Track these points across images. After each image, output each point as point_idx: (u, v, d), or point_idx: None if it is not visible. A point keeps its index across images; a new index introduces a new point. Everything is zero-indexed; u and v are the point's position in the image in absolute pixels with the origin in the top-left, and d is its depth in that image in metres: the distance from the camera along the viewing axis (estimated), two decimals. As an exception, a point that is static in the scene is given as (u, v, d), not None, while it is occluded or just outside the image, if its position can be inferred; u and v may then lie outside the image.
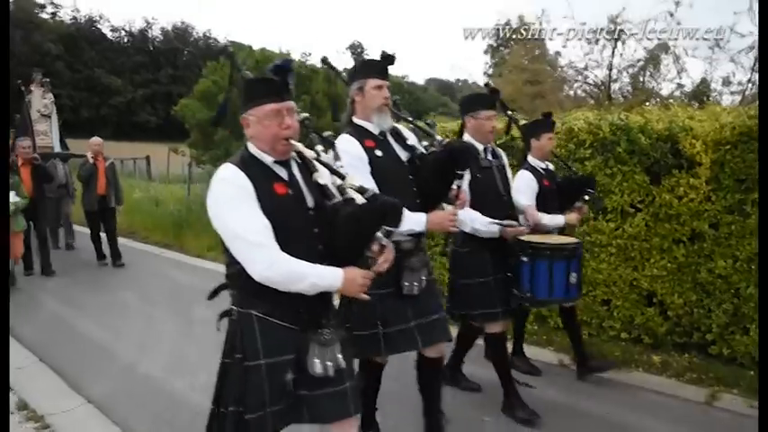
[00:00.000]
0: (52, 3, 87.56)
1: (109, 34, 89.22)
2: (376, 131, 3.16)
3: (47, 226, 9.17)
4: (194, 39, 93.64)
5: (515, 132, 5.17)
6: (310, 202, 2.34)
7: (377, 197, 2.28)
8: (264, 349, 2.25)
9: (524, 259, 3.85)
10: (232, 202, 2.21)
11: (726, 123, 4.77)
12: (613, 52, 13.68)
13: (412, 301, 3.09)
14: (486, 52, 35.96)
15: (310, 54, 15.04)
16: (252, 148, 2.33)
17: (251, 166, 2.26)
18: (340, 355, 2.33)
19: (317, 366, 2.26)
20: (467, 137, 3.90)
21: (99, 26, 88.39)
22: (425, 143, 3.28)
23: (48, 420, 4.17)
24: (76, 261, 9.64)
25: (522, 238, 3.87)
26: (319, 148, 2.58)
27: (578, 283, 3.99)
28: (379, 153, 3.09)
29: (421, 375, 3.42)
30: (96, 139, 9.32)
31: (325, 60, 3.31)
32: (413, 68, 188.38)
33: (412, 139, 3.27)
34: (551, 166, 4.56)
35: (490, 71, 37.55)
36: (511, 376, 4.08)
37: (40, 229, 8.66)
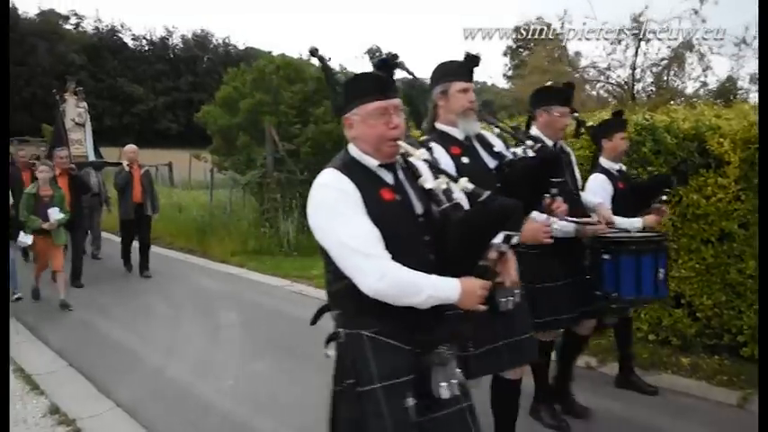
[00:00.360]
0: (75, 14, 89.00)
1: (130, 43, 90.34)
2: (461, 137, 2.98)
3: (83, 237, 9.15)
4: (214, 46, 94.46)
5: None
6: (419, 208, 2.15)
7: (494, 199, 2.07)
8: (379, 372, 2.03)
9: (606, 257, 3.63)
10: (336, 209, 2.02)
11: (755, 121, 4.70)
12: (637, 51, 13.57)
13: (503, 318, 2.78)
14: (505, 54, 35.81)
15: (330, 59, 14.94)
16: (354, 151, 2.15)
17: (354, 170, 2.08)
18: (459, 370, 2.12)
19: (443, 390, 2.05)
20: (535, 131, 3.66)
21: (121, 35, 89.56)
22: (516, 149, 3.12)
23: (78, 424, 4.22)
24: (102, 268, 9.75)
25: (602, 234, 3.68)
26: (421, 151, 2.26)
27: (665, 280, 3.76)
28: (465, 160, 2.90)
29: (498, 397, 3.16)
30: (131, 147, 9.23)
31: (314, 52, 2.82)
32: (426, 71, 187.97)
33: (499, 146, 3.09)
34: (624, 168, 4.34)
35: (509, 73, 37.40)
36: (547, 381, 3.93)
37: (76, 240, 8.53)
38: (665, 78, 14.22)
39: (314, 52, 2.65)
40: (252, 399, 4.59)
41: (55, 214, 7.19)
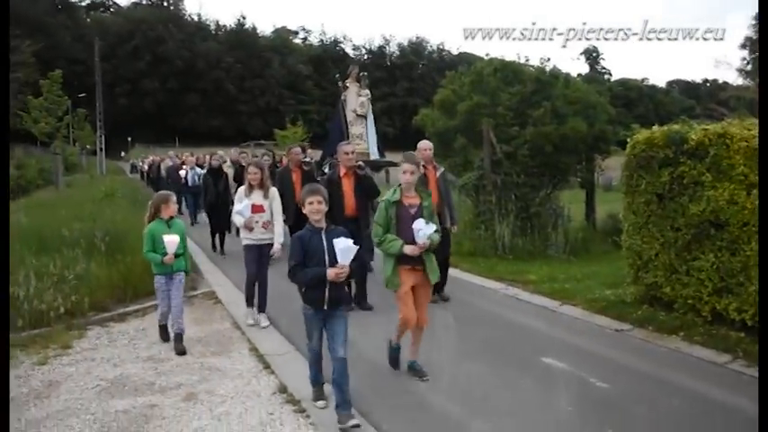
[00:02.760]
0: (303, 29, 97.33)
1: (351, 53, 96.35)
2: None
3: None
4: (428, 52, 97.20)
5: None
6: None
7: None
8: None
9: None
10: None
11: None
12: None
13: None
14: (743, 46, 32.03)
15: (549, 59, 14.47)
16: None
17: None
18: None
19: None
20: None
21: (342, 46, 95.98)
22: None
23: (303, 405, 4.44)
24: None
25: None
26: None
27: None
28: None
29: None
30: (425, 143, 7.46)
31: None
32: (653, 69, 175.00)
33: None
34: None
35: (748, 68, 33.37)
36: None
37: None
38: None
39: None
40: (466, 400, 4.51)
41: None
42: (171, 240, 5.66)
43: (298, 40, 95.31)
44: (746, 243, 5.52)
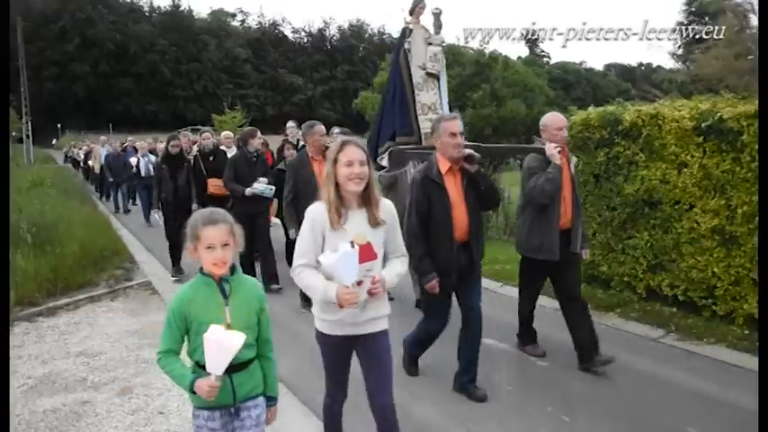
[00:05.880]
0: (241, 11, 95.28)
1: (290, 36, 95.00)
2: None
3: None
4: (369, 35, 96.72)
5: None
6: None
7: None
8: None
9: None
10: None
11: None
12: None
13: None
14: (674, 31, 33.19)
15: (488, 42, 14.57)
16: None
17: None
18: None
19: None
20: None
21: (282, 29, 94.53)
22: None
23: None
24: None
25: None
26: None
27: None
28: None
29: None
30: (560, 119, 4.79)
31: None
32: (590, 53, 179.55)
33: None
34: None
35: (679, 51, 34.64)
36: None
37: None
38: None
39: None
40: (410, 382, 4.50)
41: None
42: (226, 342, 2.32)
43: (235, 23, 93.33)
44: (678, 221, 5.69)
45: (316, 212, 2.89)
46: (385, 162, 6.20)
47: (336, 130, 7.81)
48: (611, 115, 6.38)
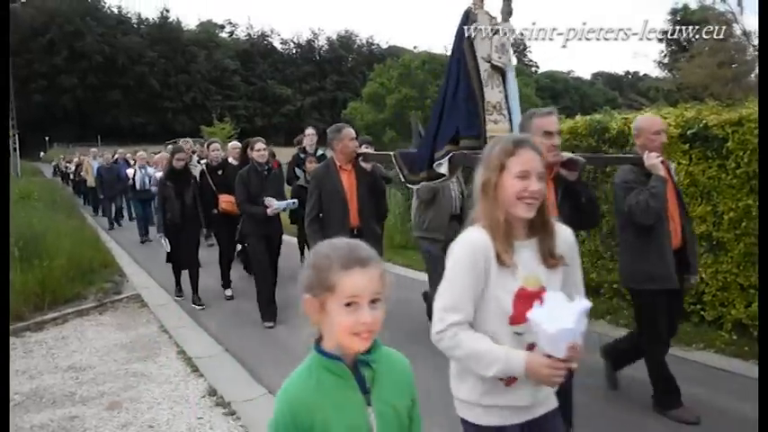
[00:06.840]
0: (230, 22, 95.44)
1: (279, 47, 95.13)
2: None
3: None
4: (358, 45, 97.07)
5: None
6: None
7: None
8: None
9: None
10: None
11: None
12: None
13: None
14: (660, 40, 33.54)
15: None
16: None
17: None
18: None
19: None
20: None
21: (270, 40, 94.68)
22: None
23: (233, 407, 4.32)
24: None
25: None
26: None
27: None
28: None
29: None
30: (656, 122, 4.33)
31: None
32: (578, 63, 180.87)
33: None
34: None
35: (665, 60, 35.01)
36: None
37: None
38: None
39: None
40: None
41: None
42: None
43: (224, 34, 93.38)
44: (665, 227, 5.72)
45: (478, 241, 1.97)
46: (443, 169, 4.89)
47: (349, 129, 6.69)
48: (598, 123, 6.44)
